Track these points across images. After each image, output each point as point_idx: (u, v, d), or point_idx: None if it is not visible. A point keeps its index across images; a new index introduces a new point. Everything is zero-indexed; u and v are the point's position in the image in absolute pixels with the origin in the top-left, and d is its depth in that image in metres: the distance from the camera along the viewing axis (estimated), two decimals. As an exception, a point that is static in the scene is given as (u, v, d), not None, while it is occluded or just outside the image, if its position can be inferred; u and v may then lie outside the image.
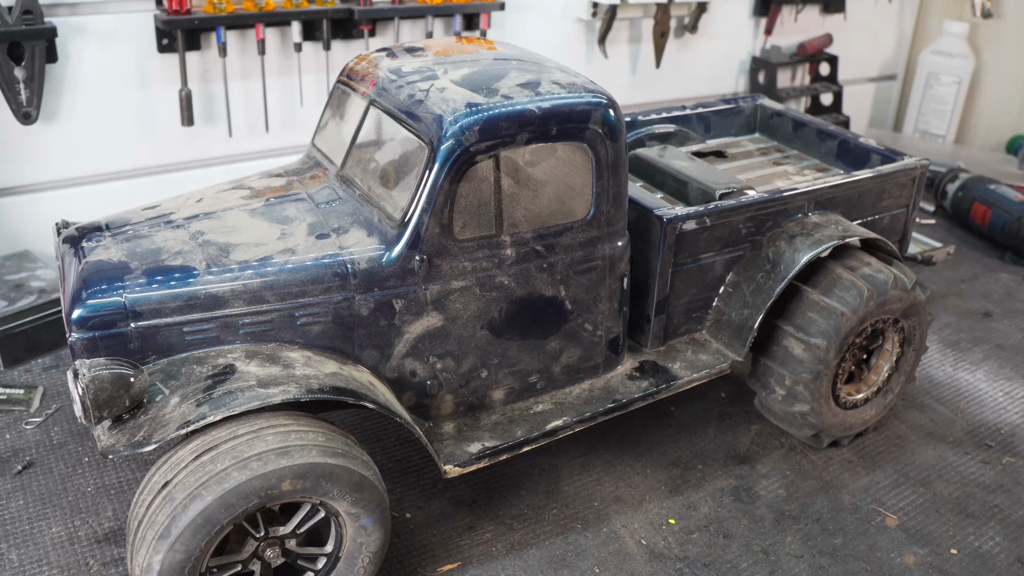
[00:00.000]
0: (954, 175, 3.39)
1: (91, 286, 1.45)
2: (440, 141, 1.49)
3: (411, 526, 1.80)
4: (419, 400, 1.66)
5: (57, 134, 2.40)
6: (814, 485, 1.98)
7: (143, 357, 1.47)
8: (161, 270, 1.49)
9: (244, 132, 2.65)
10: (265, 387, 1.41)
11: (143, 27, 2.40)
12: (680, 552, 1.77)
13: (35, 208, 2.43)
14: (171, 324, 1.47)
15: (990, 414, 2.27)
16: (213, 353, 1.49)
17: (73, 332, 1.43)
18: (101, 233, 1.58)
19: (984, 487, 2.01)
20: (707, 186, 1.99)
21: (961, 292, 2.89)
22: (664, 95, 3.47)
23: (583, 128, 1.60)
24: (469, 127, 1.49)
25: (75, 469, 1.88)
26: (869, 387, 2.08)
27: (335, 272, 1.53)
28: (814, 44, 3.73)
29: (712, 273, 1.93)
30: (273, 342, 1.53)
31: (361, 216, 1.60)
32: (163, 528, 1.33)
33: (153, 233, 1.58)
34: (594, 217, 1.66)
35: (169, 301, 1.46)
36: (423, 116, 1.54)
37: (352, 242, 1.55)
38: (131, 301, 1.45)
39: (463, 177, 1.51)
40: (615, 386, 1.83)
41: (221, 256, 1.52)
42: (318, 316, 1.54)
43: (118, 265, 1.49)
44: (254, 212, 1.64)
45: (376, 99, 1.67)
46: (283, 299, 1.51)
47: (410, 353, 1.61)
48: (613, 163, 1.64)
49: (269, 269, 1.51)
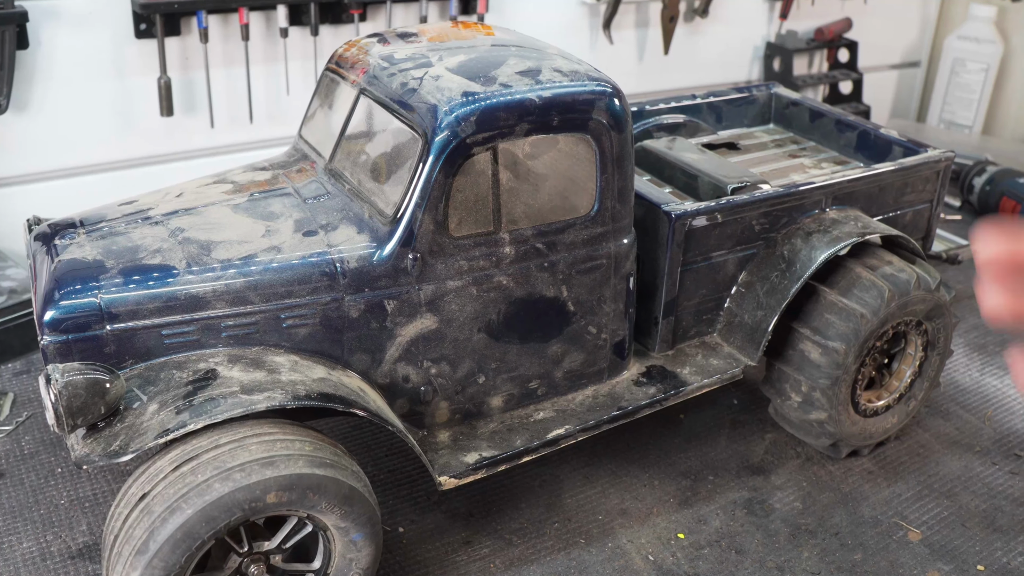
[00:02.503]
0: (981, 168, 3.40)
1: (64, 286, 1.45)
2: (435, 132, 1.49)
3: (404, 541, 1.80)
4: (412, 407, 1.67)
5: (28, 125, 2.40)
6: (832, 497, 1.99)
7: (120, 362, 1.48)
8: (139, 269, 1.49)
9: (227, 123, 2.66)
10: (249, 393, 1.42)
11: (120, 11, 2.41)
12: (690, 569, 1.78)
13: (4, 203, 2.44)
14: (149, 327, 1.48)
15: (1019, 422, 2.28)
16: (194, 357, 1.50)
17: (45, 335, 1.44)
18: (75, 230, 1.58)
19: (1013, 500, 2.01)
20: (719, 180, 1.99)
21: (988, 292, 2.89)
22: (673, 83, 3.47)
23: (586, 118, 1.60)
24: (465, 117, 1.50)
25: (47, 480, 1.89)
26: (891, 393, 2.09)
27: (323, 271, 1.53)
28: (832, 29, 3.73)
29: (724, 272, 1.93)
30: (258, 345, 1.53)
31: (351, 212, 1.60)
32: (141, 543, 1.33)
33: (130, 230, 1.58)
34: (598, 213, 1.67)
35: (147, 302, 1.47)
36: (416, 106, 1.54)
37: (341, 239, 1.56)
38: (107, 302, 1.45)
39: (459, 170, 1.52)
40: (620, 392, 1.83)
41: (202, 254, 1.52)
42: (305, 318, 1.54)
43: (93, 264, 1.49)
44: (237, 208, 1.64)
45: (367, 88, 1.67)
46: (268, 300, 1.52)
47: (403, 357, 1.61)
48: (618, 155, 1.65)
49: (253, 268, 1.51)
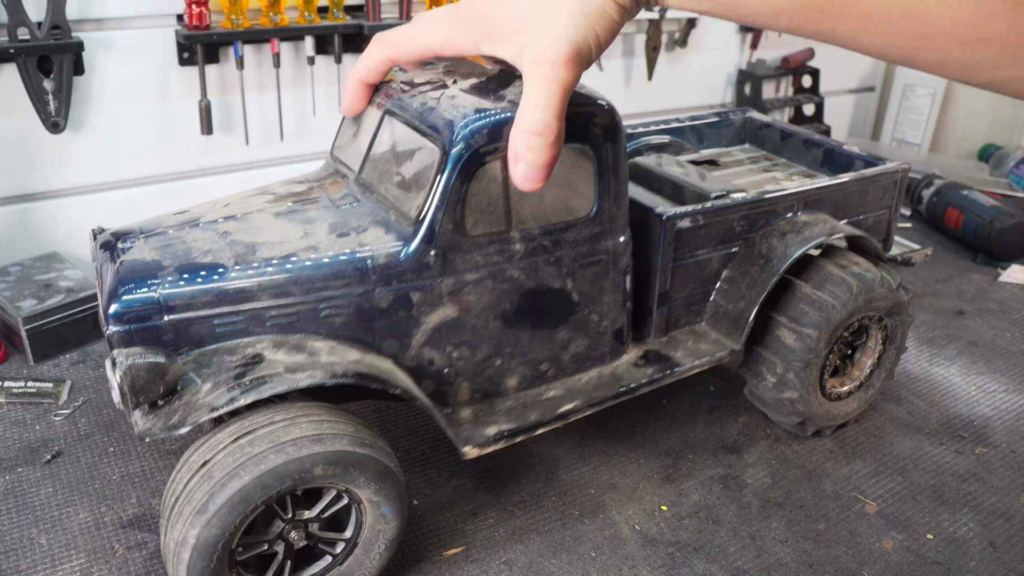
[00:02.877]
0: (929, 181, 3.41)
1: (127, 283, 1.47)
2: (452, 144, 1.51)
3: (418, 512, 1.81)
4: (437, 388, 1.68)
5: (84, 142, 2.41)
6: (798, 474, 1.99)
7: (176, 348, 1.49)
8: (192, 267, 1.50)
9: (260, 140, 2.66)
10: (292, 372, 1.43)
11: (165, 41, 2.41)
12: (672, 537, 1.78)
13: (63, 212, 2.44)
14: (202, 317, 1.49)
15: (964, 407, 2.28)
16: (243, 344, 1.51)
17: (111, 326, 1.45)
18: (135, 236, 1.59)
19: (958, 476, 2.02)
20: (702, 190, 2.00)
21: (936, 292, 2.90)
22: (656, 105, 3.48)
23: (585, 131, 1.61)
24: (478, 130, 1.51)
25: (101, 458, 1.89)
26: (852, 381, 2.10)
27: (356, 267, 1.54)
28: (797, 58, 3.74)
29: (709, 268, 1.94)
30: (298, 333, 1.54)
31: (379, 216, 1.61)
32: (201, 504, 1.34)
33: (183, 235, 1.59)
34: (597, 214, 1.68)
35: (200, 296, 1.48)
36: (435, 122, 1.56)
37: (371, 239, 1.57)
38: (164, 296, 1.46)
39: (473, 177, 1.53)
40: (621, 373, 1.84)
41: (248, 254, 1.54)
42: (340, 308, 1.55)
43: (152, 264, 1.51)
44: (278, 214, 1.66)
45: (391, 109, 1.68)
46: (307, 293, 1.53)
47: (428, 343, 1.62)
48: (614, 163, 1.66)
49: (293, 265, 1.52)
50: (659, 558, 1.72)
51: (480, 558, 1.71)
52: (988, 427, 2.21)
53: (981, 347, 2.58)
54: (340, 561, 1.55)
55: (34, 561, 1.62)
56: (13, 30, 2.13)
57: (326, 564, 1.54)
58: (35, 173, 2.37)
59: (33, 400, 2.04)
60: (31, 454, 1.88)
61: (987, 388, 2.38)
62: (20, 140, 2.31)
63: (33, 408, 2.02)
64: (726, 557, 1.74)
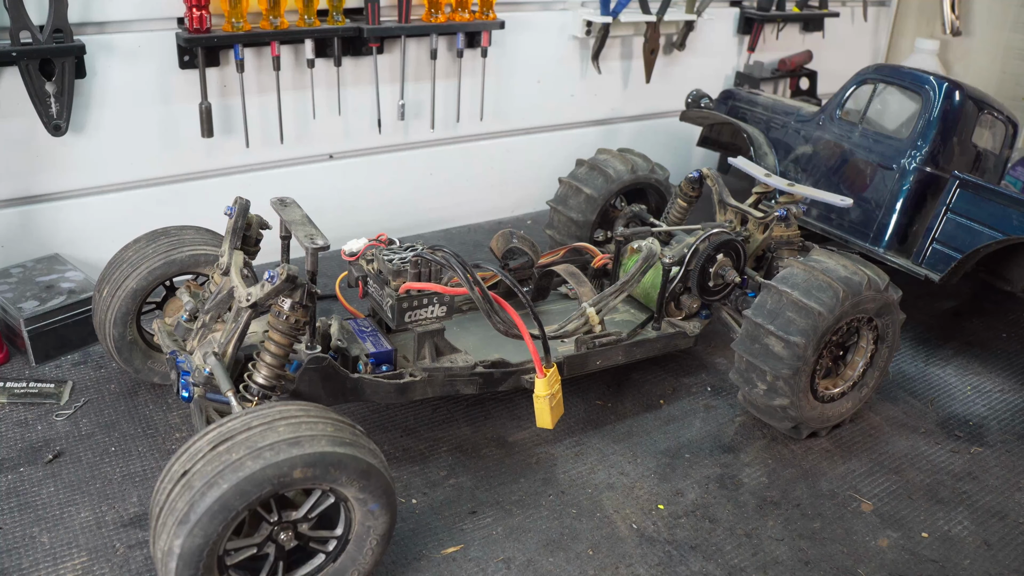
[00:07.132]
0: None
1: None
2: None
3: (417, 511, 1.81)
4: None
5: (85, 145, 2.41)
6: (794, 473, 1.99)
7: None
8: None
9: (260, 143, 2.66)
10: None
11: (166, 45, 2.42)
12: (669, 535, 1.79)
13: (65, 214, 2.45)
14: None
15: (959, 407, 2.29)
16: None
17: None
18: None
19: (953, 475, 2.02)
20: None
21: (932, 292, 2.90)
22: (653, 108, 3.49)
23: None
24: None
25: (102, 458, 1.89)
26: (845, 382, 2.10)
27: None
28: (794, 60, 3.75)
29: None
30: None
31: None
32: (183, 514, 1.34)
33: None
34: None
35: None
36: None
37: None
38: None
39: None
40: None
41: None
42: None
43: None
44: None
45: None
46: None
47: None
48: None
49: None
50: (656, 556, 1.73)
51: (478, 556, 1.71)
52: (983, 427, 2.21)
53: (977, 347, 2.58)
54: (333, 558, 1.55)
55: (36, 560, 1.63)
56: (15, 33, 2.14)
57: (320, 562, 1.55)
58: (37, 175, 2.38)
59: (35, 400, 2.05)
60: (33, 454, 1.89)
61: (982, 388, 2.38)
62: (22, 142, 2.32)
63: (35, 408, 2.03)
64: (723, 555, 1.74)
